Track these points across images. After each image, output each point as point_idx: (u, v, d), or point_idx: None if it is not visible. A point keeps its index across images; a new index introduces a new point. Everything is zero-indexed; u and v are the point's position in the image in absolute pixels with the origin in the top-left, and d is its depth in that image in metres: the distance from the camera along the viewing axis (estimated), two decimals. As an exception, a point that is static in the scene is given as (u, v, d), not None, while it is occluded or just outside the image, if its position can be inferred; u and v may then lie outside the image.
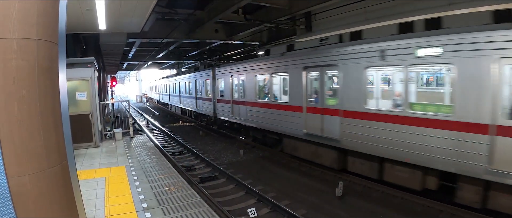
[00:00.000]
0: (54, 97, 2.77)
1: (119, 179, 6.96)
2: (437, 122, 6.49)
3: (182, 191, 6.16)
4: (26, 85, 2.48)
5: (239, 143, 14.77)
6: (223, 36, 17.61)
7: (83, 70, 10.13)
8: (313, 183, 9.02)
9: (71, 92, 9.59)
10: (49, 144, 2.67)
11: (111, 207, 5.40)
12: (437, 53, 6.41)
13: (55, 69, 2.79)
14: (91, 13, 7.90)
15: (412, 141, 6.88)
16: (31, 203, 2.55)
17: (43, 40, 2.57)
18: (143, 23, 10.13)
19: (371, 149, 7.88)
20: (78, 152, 9.35)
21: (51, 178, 2.68)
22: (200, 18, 14.19)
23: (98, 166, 8.08)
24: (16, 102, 2.43)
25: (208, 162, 11.34)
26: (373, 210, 7.17)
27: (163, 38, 16.67)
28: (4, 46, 2.35)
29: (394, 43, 7.25)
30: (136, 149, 10.20)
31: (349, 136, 8.46)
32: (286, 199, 7.82)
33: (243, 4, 10.56)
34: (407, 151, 7.00)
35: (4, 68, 2.36)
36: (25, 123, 2.48)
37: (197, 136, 17.83)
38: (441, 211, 6.77)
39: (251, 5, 11.95)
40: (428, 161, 6.65)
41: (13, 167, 2.42)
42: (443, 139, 6.34)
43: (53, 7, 2.72)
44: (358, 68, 8.09)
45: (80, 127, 9.82)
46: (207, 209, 5.36)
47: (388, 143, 7.41)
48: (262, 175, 9.95)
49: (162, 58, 28.18)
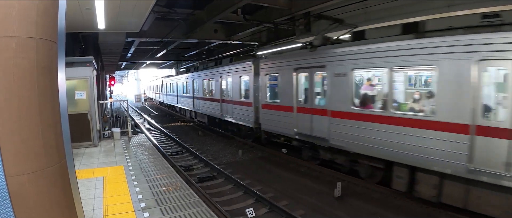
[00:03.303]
0: (53, 96, 2.78)
1: (117, 179, 6.95)
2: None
3: (180, 191, 6.16)
4: (25, 84, 2.48)
5: (238, 143, 14.76)
6: (222, 36, 17.60)
7: (82, 69, 10.11)
8: (312, 183, 9.02)
9: (70, 92, 9.57)
10: (48, 143, 2.67)
11: (109, 206, 5.40)
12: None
13: (55, 68, 2.80)
14: (90, 12, 7.89)
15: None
16: (30, 202, 2.56)
17: (43, 39, 2.57)
18: (142, 22, 10.12)
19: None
20: (76, 151, 9.33)
21: (49, 177, 2.68)
22: (199, 18, 14.18)
23: (97, 166, 8.07)
24: (15, 101, 2.43)
25: (207, 162, 11.33)
26: (372, 211, 7.18)
27: (162, 38, 16.65)
28: (4, 45, 2.35)
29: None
30: (135, 149, 10.19)
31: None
32: (284, 200, 7.82)
33: (243, 4, 10.56)
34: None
35: (4, 67, 2.36)
36: (24, 121, 2.48)
37: (195, 135, 17.82)
38: (440, 213, 6.78)
39: (250, 5, 11.95)
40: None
41: (12, 166, 2.42)
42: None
43: (53, 6, 2.72)
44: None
45: (78, 126, 9.81)
46: (205, 209, 5.36)
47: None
48: (261, 175, 9.94)
49: (161, 58, 28.12)
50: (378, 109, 7.84)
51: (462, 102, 5.94)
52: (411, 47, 6.82)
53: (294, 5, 11.63)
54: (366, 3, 9.55)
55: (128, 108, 16.39)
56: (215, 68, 17.64)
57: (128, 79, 71.24)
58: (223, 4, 11.41)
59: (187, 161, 12.09)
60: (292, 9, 11.76)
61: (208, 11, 13.22)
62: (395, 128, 7.15)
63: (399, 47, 7.07)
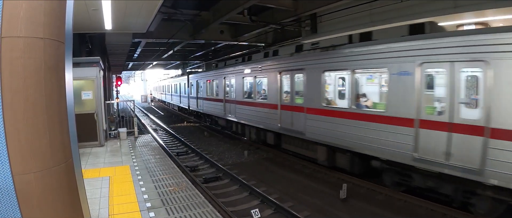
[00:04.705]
0: (60, 96, 2.79)
1: (123, 178, 6.98)
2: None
3: (186, 191, 6.16)
4: (32, 84, 2.49)
5: (244, 144, 14.77)
6: (228, 37, 17.63)
7: (88, 69, 10.17)
8: (317, 185, 8.99)
9: (77, 92, 9.63)
10: (55, 142, 2.68)
11: (115, 206, 5.42)
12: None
13: (62, 68, 2.81)
14: (97, 13, 7.95)
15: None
16: (36, 201, 2.57)
17: (50, 39, 2.58)
18: (149, 23, 10.17)
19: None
20: (83, 151, 9.39)
21: (56, 176, 2.69)
22: (205, 19, 14.22)
23: (103, 165, 8.11)
24: (22, 100, 2.45)
25: (212, 162, 11.34)
26: (377, 213, 7.13)
27: (168, 39, 16.73)
28: (11, 45, 2.37)
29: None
30: (141, 149, 10.23)
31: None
32: (289, 201, 7.80)
33: (249, 5, 10.56)
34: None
35: (11, 67, 2.38)
36: (31, 121, 2.50)
37: (201, 136, 17.86)
38: (445, 215, 6.72)
39: (256, 6, 11.96)
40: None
41: (19, 165, 2.44)
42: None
43: (60, 6, 2.74)
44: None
45: (85, 126, 9.86)
46: (211, 209, 5.35)
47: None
48: (266, 176, 9.93)
49: (167, 59, 28.24)
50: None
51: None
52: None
53: (299, 6, 11.60)
54: (371, 4, 9.51)
55: (134, 108, 16.45)
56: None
57: (135, 80, 71.66)
58: (229, 5, 11.43)
59: (192, 161, 12.12)
60: (297, 10, 11.74)
61: (214, 12, 13.25)
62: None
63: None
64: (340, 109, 8.92)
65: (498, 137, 5.44)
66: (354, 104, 8.38)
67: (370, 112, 7.95)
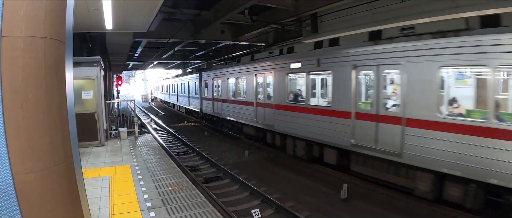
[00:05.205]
0: (60, 95, 2.78)
1: (123, 178, 6.98)
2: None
3: (186, 191, 6.16)
4: (32, 83, 2.49)
5: (244, 144, 14.76)
6: (229, 37, 17.59)
7: (89, 69, 10.17)
8: (317, 185, 8.98)
9: (77, 91, 9.63)
10: (55, 142, 2.68)
11: (115, 205, 5.42)
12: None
13: (62, 68, 2.81)
14: (98, 12, 7.93)
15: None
16: (36, 200, 2.57)
17: (50, 39, 2.58)
18: (150, 23, 10.16)
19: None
20: (83, 151, 9.39)
21: (56, 176, 2.69)
22: (206, 19, 14.19)
23: (103, 165, 8.11)
24: (23, 99, 2.44)
25: (213, 162, 11.34)
26: (377, 213, 7.12)
27: (169, 39, 16.70)
28: (12, 44, 2.36)
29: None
30: (141, 148, 10.23)
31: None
32: (290, 201, 7.79)
33: (249, 5, 10.54)
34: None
35: (11, 66, 2.37)
36: (31, 120, 2.49)
37: (202, 136, 17.85)
38: (446, 215, 6.71)
39: (257, 6, 11.93)
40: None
41: (19, 164, 2.43)
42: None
43: (61, 6, 2.73)
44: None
45: (85, 125, 9.86)
46: (211, 209, 5.35)
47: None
48: (266, 176, 9.93)
49: (168, 58, 28.21)
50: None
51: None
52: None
53: (299, 6, 11.58)
54: (372, 4, 9.48)
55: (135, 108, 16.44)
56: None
57: (135, 80, 71.66)
58: (230, 5, 11.41)
59: (193, 161, 12.12)
60: (298, 10, 11.72)
61: (214, 11, 13.23)
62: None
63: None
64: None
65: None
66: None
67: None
